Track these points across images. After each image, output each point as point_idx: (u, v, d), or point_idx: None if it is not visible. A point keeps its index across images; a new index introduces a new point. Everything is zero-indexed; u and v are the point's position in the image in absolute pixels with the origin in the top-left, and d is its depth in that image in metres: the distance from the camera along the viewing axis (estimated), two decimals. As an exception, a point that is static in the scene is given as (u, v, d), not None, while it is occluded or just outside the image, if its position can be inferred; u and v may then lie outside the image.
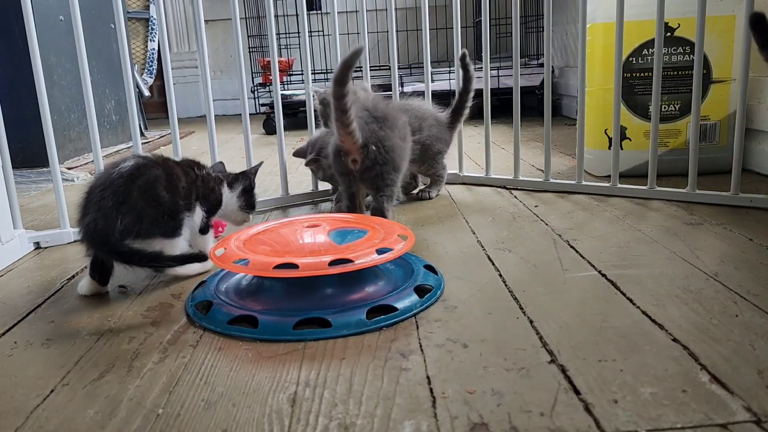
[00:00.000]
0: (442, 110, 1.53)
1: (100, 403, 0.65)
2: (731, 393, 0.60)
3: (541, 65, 2.94)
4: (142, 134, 2.93)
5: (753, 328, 0.73)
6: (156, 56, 3.46)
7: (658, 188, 1.36)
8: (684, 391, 0.61)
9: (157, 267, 0.95)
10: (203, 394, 0.65)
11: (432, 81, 1.66)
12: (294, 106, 3.17)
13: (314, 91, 1.44)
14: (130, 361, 0.74)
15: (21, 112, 2.01)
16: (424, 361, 0.70)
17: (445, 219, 1.30)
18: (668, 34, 1.49)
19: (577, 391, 0.62)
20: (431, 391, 0.64)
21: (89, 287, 0.96)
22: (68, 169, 2.08)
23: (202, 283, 0.95)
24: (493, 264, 1.01)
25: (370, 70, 1.55)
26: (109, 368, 0.72)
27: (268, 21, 1.42)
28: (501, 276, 0.95)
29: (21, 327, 0.86)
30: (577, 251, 1.04)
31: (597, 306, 0.82)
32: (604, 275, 0.93)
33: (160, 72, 3.52)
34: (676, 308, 0.80)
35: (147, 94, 3.34)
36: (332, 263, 0.81)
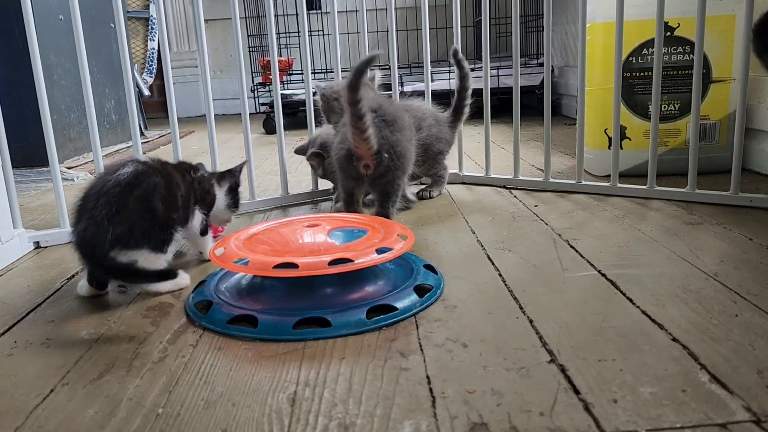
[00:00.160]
0: (443, 110, 1.53)
1: (100, 402, 0.65)
2: (731, 393, 0.60)
3: (541, 65, 2.94)
4: (141, 134, 2.93)
5: (753, 328, 0.73)
6: (156, 56, 3.46)
7: (658, 188, 1.36)
8: (684, 390, 0.61)
9: (140, 281, 0.94)
10: (203, 394, 0.65)
11: (432, 81, 1.66)
12: (294, 106, 3.17)
13: (315, 86, 1.43)
14: (129, 361, 0.74)
15: (21, 111, 2.01)
16: (424, 360, 0.70)
17: (445, 219, 1.30)
18: (668, 33, 1.49)
19: (576, 391, 0.62)
20: (431, 390, 0.64)
21: (88, 290, 0.95)
22: (68, 168, 2.08)
23: (202, 282, 0.95)
24: (493, 264, 1.01)
25: (370, 70, 1.54)
26: (109, 368, 0.72)
27: (268, 20, 1.42)
28: (501, 275, 0.95)
29: (21, 327, 0.86)
30: (576, 251, 1.04)
31: (597, 306, 0.82)
32: (603, 275, 0.93)
33: (159, 71, 3.53)
34: (675, 308, 0.80)
35: (147, 94, 3.34)
36: (332, 263, 0.81)
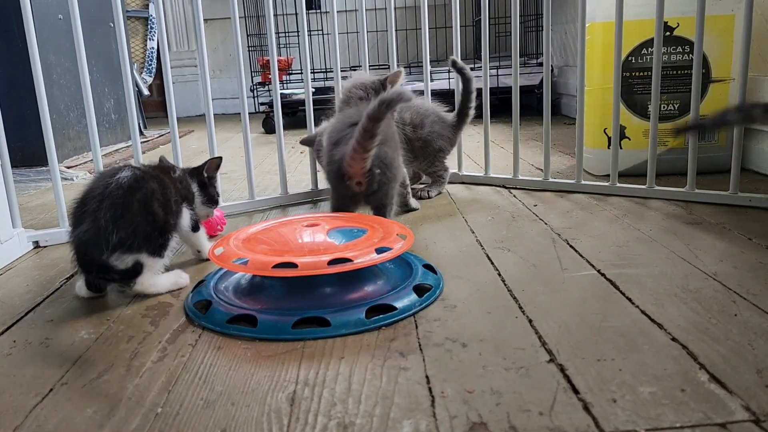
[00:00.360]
0: (446, 109, 1.52)
1: (99, 402, 0.65)
2: (730, 392, 0.60)
3: (541, 64, 2.94)
4: (141, 133, 2.93)
5: (752, 328, 0.73)
6: (155, 55, 3.46)
7: (657, 187, 1.36)
8: (683, 390, 0.61)
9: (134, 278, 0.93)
10: (202, 393, 0.65)
11: (431, 80, 1.66)
12: (293, 105, 3.16)
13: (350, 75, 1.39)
14: (129, 361, 0.74)
15: (20, 111, 2.00)
16: (423, 360, 0.70)
17: (445, 218, 1.30)
18: (667, 33, 1.49)
19: (576, 391, 0.62)
20: (430, 390, 0.64)
21: (86, 291, 0.95)
22: (67, 168, 2.07)
23: (201, 282, 0.95)
24: (492, 263, 1.01)
25: (370, 69, 1.55)
26: (108, 367, 0.72)
27: (267, 20, 1.41)
28: (500, 275, 0.95)
29: (20, 326, 0.86)
30: (576, 250, 1.04)
31: (596, 305, 0.82)
32: (603, 274, 0.93)
33: (159, 71, 3.52)
34: (675, 307, 0.80)
35: (146, 93, 3.33)
36: (331, 262, 0.81)
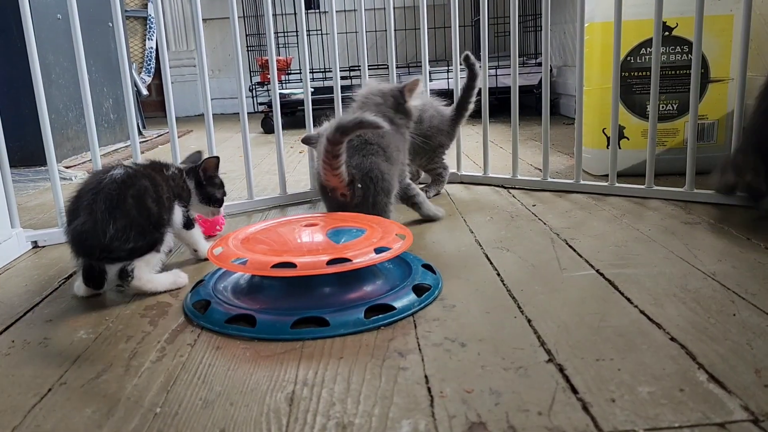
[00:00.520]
0: (445, 103, 1.52)
1: (98, 402, 0.65)
2: (729, 392, 0.60)
3: (539, 64, 2.94)
4: (140, 133, 2.93)
5: (750, 327, 0.73)
6: (154, 55, 3.46)
7: (656, 187, 1.36)
8: (682, 390, 0.61)
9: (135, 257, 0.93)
10: (201, 393, 0.65)
11: (430, 80, 1.66)
12: (292, 105, 3.16)
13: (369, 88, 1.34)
14: (127, 360, 0.74)
15: (19, 110, 2.00)
16: (422, 360, 0.70)
17: (443, 218, 1.30)
18: (666, 33, 1.49)
19: (574, 391, 0.62)
20: (429, 390, 0.64)
21: (85, 290, 0.95)
22: (66, 167, 2.07)
23: (200, 282, 0.95)
24: (491, 263, 1.01)
25: (369, 69, 1.55)
26: (107, 367, 0.72)
27: (266, 20, 1.41)
28: (499, 275, 0.95)
29: (18, 326, 0.86)
30: (575, 250, 1.04)
31: (595, 305, 0.82)
32: (602, 274, 0.93)
33: (158, 71, 3.52)
34: (673, 307, 0.80)
35: (145, 93, 3.33)
36: (330, 262, 0.81)
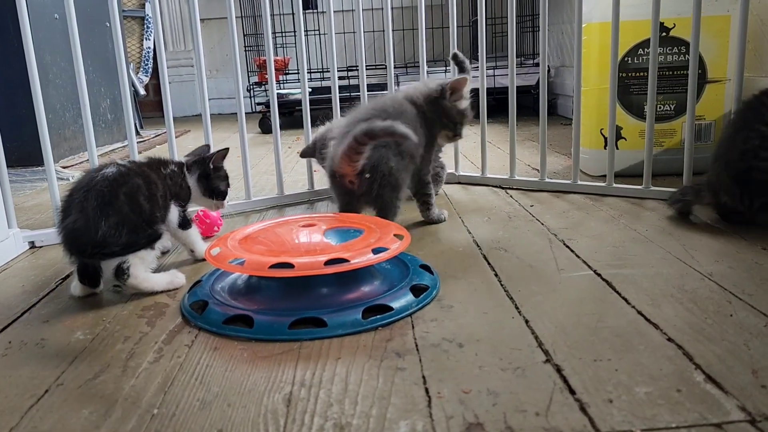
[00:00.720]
0: None
1: (95, 403, 0.65)
2: (726, 393, 0.60)
3: (537, 65, 2.94)
4: (137, 133, 2.93)
5: (747, 328, 0.73)
6: (151, 55, 3.46)
7: (654, 188, 1.36)
8: (679, 390, 0.61)
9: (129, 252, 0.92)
10: (198, 394, 0.65)
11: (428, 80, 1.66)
12: (290, 106, 3.16)
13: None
14: (125, 361, 0.74)
15: (16, 110, 2.00)
16: (420, 360, 0.70)
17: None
18: (664, 34, 1.50)
19: (572, 391, 0.62)
20: (427, 390, 0.64)
21: (81, 289, 0.95)
22: (63, 168, 2.07)
23: (198, 282, 0.95)
24: (489, 264, 1.01)
25: (366, 69, 1.55)
26: (104, 368, 0.72)
27: (264, 20, 1.41)
28: (497, 275, 0.95)
29: (15, 327, 0.86)
30: (572, 251, 1.04)
31: (592, 305, 0.82)
32: (599, 275, 0.93)
33: (155, 70, 3.51)
34: (671, 308, 0.80)
35: (142, 93, 3.33)
36: (328, 263, 0.81)
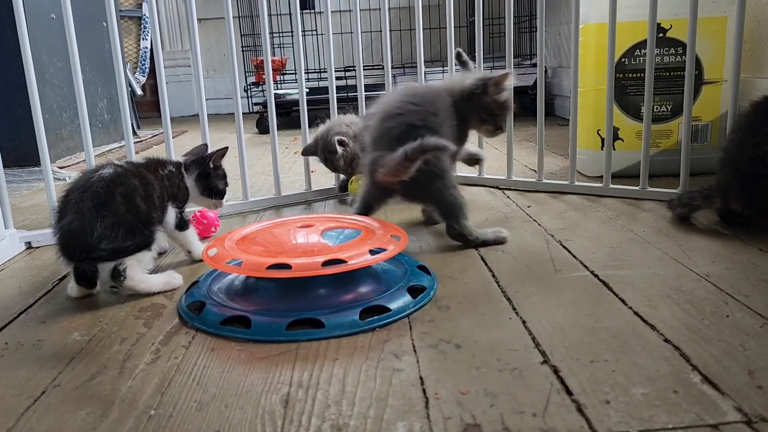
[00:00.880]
0: None
1: (92, 404, 0.65)
2: (722, 393, 0.60)
3: (534, 65, 2.94)
4: (134, 133, 2.92)
5: (744, 329, 0.73)
6: (149, 55, 3.45)
7: (650, 189, 1.36)
8: (675, 391, 0.61)
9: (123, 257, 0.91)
10: (196, 395, 0.65)
11: (426, 80, 1.66)
12: (287, 106, 3.16)
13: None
14: (122, 362, 0.74)
15: (12, 110, 2.00)
16: (417, 361, 0.70)
17: (440, 220, 1.30)
18: (660, 35, 1.50)
19: (569, 392, 0.62)
20: (424, 391, 0.64)
21: (78, 290, 0.95)
22: (60, 168, 2.06)
23: (195, 283, 0.94)
24: (486, 264, 1.01)
25: (364, 70, 1.55)
26: (101, 369, 0.72)
27: (261, 20, 1.41)
28: (494, 276, 0.95)
29: (12, 328, 0.86)
30: (569, 251, 1.04)
31: (589, 306, 0.82)
32: (596, 276, 0.93)
33: (152, 70, 3.51)
34: (667, 309, 0.80)
35: (139, 93, 3.32)
36: (325, 264, 0.81)
